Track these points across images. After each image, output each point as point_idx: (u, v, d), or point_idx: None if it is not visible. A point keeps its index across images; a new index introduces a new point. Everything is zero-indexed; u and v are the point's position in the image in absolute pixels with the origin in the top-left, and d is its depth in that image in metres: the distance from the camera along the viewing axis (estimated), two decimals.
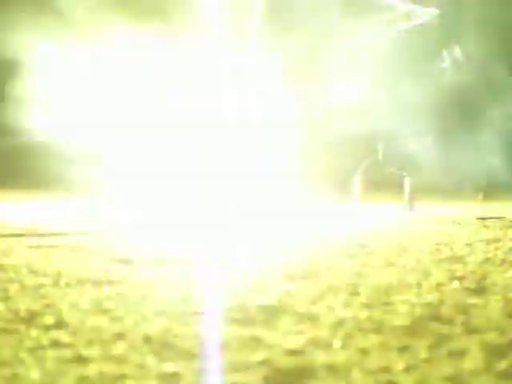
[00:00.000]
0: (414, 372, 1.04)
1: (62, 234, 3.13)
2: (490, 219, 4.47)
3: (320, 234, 3.42)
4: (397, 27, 5.80)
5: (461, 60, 6.06)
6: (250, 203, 5.23)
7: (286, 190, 5.36)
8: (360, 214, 5.03)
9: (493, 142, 6.25)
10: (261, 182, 5.52)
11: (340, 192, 5.75)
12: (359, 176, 6.34)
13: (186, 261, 2.22)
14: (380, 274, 1.98)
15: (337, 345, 1.19)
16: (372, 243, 2.83)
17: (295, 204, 5.15)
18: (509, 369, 1.05)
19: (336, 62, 5.67)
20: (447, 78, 6.22)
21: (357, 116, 5.61)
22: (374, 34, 5.63)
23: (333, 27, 5.55)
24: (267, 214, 4.86)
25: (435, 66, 6.23)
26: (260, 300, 1.56)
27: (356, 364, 1.07)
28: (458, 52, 6.01)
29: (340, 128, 5.62)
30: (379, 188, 6.83)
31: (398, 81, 5.61)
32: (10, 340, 1.19)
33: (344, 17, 5.54)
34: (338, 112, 5.57)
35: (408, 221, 4.55)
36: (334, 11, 5.50)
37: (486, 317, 1.42)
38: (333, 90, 5.58)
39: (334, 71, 5.59)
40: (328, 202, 5.37)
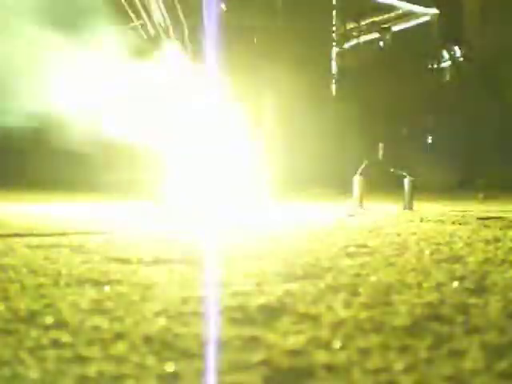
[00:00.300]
0: (414, 372, 1.04)
1: (61, 234, 3.14)
2: (490, 219, 4.47)
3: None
4: None
5: None
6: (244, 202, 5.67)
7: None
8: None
9: None
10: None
11: None
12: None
13: (186, 261, 2.22)
14: (380, 274, 1.98)
15: (337, 345, 1.19)
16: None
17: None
18: (509, 369, 1.05)
19: None
20: None
21: None
22: None
23: None
24: (256, 209, 5.24)
25: None
26: (260, 300, 1.56)
27: (356, 364, 1.07)
28: None
29: None
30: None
31: None
32: (10, 340, 1.20)
33: None
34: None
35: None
36: None
37: (486, 317, 1.42)
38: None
39: None
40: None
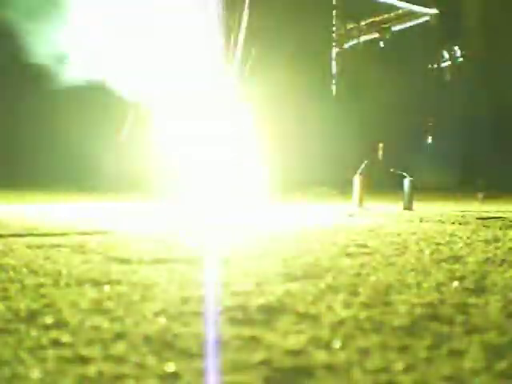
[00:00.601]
0: (414, 372, 1.04)
1: (62, 233, 3.14)
2: (490, 219, 4.47)
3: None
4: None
5: None
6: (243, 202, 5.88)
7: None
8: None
9: None
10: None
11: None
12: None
13: (186, 261, 2.22)
14: (380, 274, 1.98)
15: (337, 345, 1.19)
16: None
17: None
18: (509, 369, 1.05)
19: None
20: None
21: None
22: None
23: None
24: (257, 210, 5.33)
25: None
26: (260, 300, 1.56)
27: (356, 364, 1.07)
28: None
29: None
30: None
31: None
32: (10, 340, 1.20)
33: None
34: None
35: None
36: None
37: (486, 317, 1.42)
38: None
39: None
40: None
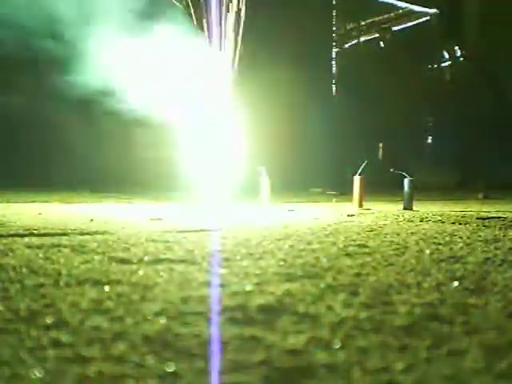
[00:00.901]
0: (414, 372, 1.04)
1: (62, 234, 3.14)
2: (490, 219, 4.47)
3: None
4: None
5: None
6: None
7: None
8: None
9: None
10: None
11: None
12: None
13: (186, 261, 2.22)
14: (380, 274, 1.98)
15: (337, 345, 1.19)
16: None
17: None
18: (509, 369, 1.05)
19: None
20: None
21: None
22: None
23: None
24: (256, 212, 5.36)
25: None
26: (260, 300, 1.56)
27: (356, 364, 1.07)
28: None
29: None
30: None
31: None
32: (10, 340, 1.20)
33: None
34: None
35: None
36: None
37: (486, 317, 1.42)
38: None
39: None
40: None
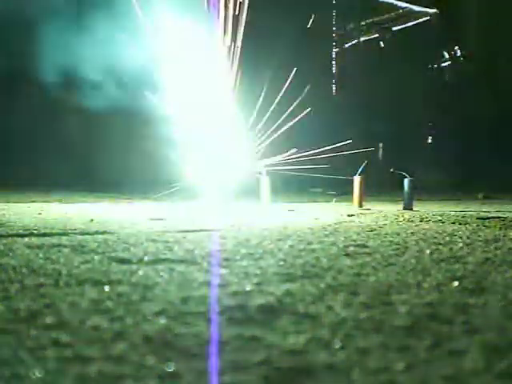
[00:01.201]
0: (414, 372, 1.04)
1: (62, 234, 3.13)
2: (490, 219, 4.47)
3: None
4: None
5: None
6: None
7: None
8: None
9: None
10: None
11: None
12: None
13: (186, 261, 2.22)
14: (380, 274, 1.98)
15: (337, 345, 1.19)
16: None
17: None
18: (509, 369, 1.05)
19: None
20: None
21: None
22: None
23: None
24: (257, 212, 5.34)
25: None
26: (260, 300, 1.56)
27: (356, 364, 1.07)
28: None
29: None
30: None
31: None
32: (10, 340, 1.20)
33: None
34: None
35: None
36: None
37: (486, 317, 1.42)
38: None
39: None
40: None
